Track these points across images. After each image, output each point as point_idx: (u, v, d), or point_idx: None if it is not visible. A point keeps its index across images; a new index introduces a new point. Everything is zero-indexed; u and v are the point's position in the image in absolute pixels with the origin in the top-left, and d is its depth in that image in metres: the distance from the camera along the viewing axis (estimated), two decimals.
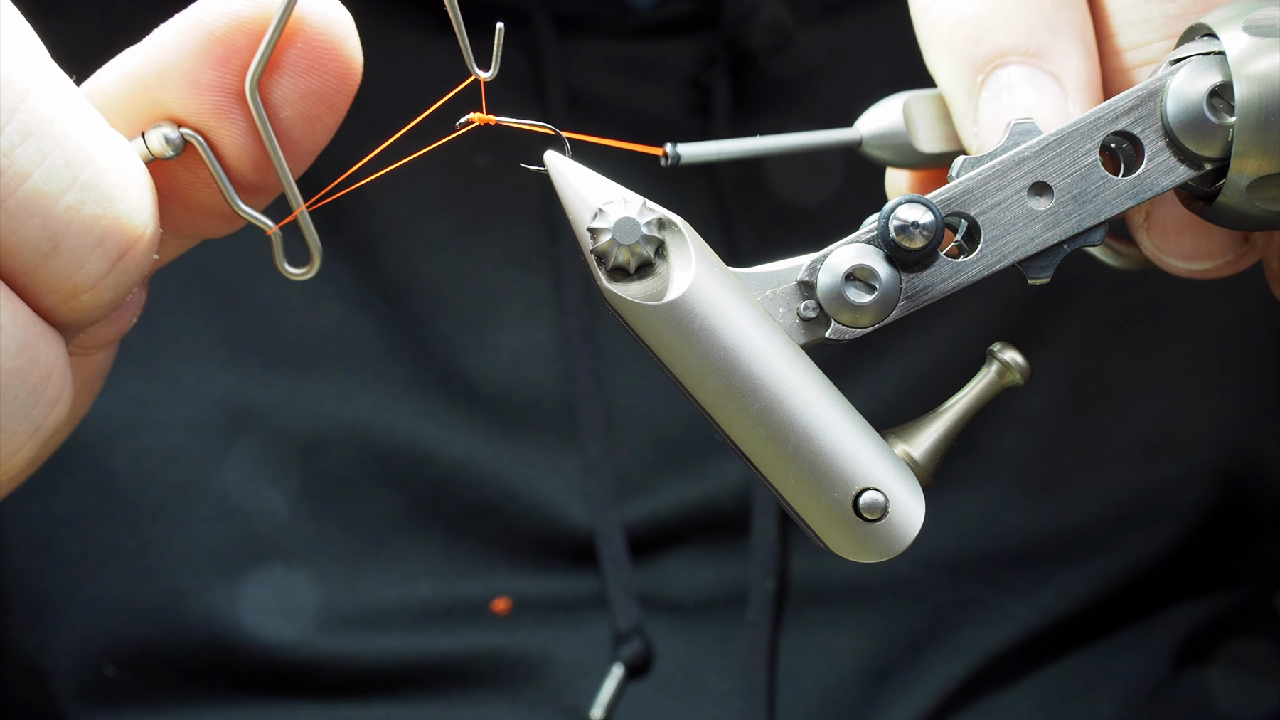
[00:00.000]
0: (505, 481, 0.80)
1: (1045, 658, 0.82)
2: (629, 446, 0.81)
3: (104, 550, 0.80)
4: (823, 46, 0.83)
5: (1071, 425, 0.83)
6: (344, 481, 0.80)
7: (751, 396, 0.47)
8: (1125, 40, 0.51)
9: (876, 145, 0.54)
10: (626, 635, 0.79)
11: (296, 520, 0.80)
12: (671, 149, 0.51)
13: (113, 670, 0.79)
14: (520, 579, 0.80)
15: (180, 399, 0.80)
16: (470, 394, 0.81)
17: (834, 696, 0.79)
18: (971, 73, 0.50)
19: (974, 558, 0.82)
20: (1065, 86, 0.50)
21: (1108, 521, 0.83)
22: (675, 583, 0.81)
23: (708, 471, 0.81)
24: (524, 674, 0.79)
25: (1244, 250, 0.52)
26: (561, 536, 0.80)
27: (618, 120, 0.83)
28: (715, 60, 0.83)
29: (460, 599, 0.80)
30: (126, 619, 0.79)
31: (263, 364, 0.81)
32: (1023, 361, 0.49)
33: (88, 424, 0.79)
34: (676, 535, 0.81)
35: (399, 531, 0.81)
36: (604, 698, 0.78)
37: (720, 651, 0.80)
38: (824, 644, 0.80)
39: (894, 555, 0.47)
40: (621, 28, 0.84)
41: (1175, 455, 0.83)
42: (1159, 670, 0.82)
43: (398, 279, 0.82)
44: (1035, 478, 0.83)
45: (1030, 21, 0.49)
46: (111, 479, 0.80)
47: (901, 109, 0.54)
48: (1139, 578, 0.83)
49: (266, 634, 0.78)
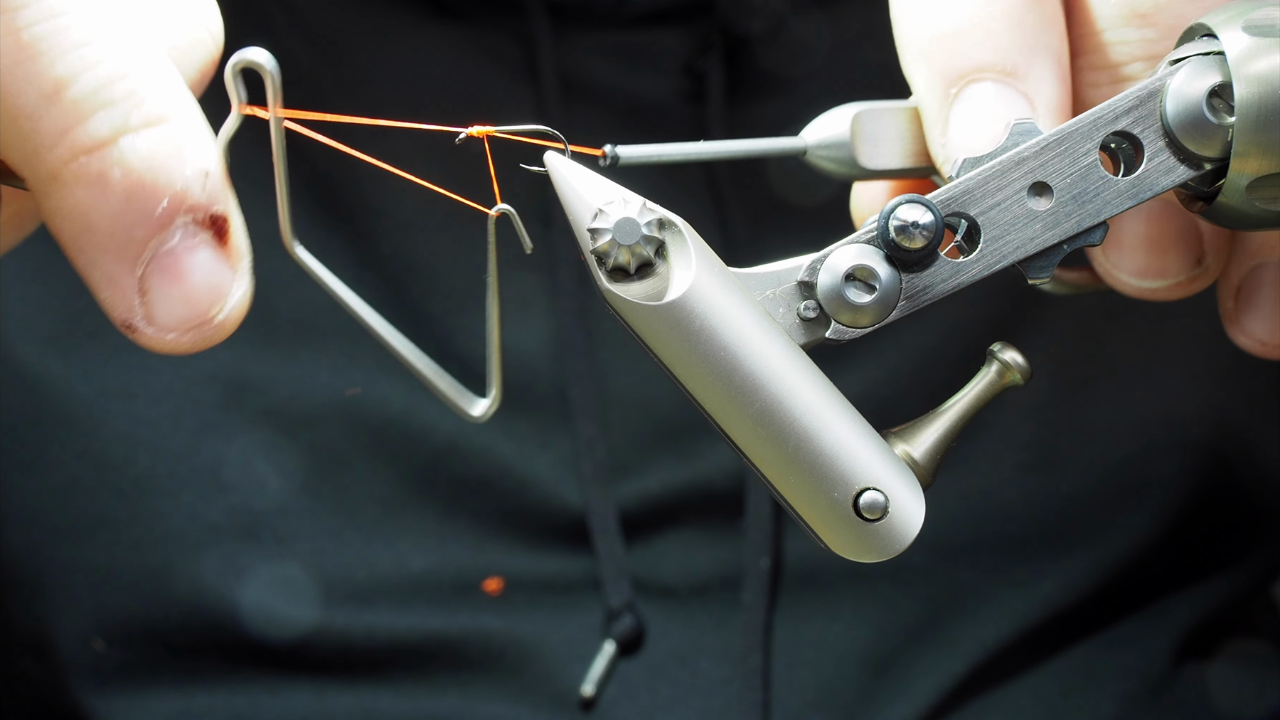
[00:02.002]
0: (498, 458, 0.80)
1: (1045, 652, 0.82)
2: (622, 426, 0.82)
3: (94, 523, 0.80)
4: (818, 33, 0.83)
5: (1066, 408, 0.83)
6: (337, 456, 0.80)
7: (752, 397, 0.47)
8: (1098, 60, 0.51)
9: (821, 155, 0.54)
10: (618, 612, 0.79)
11: (288, 495, 0.80)
12: (610, 150, 0.51)
13: (101, 645, 0.79)
14: (512, 558, 0.80)
15: (173, 372, 0.80)
16: (464, 372, 0.81)
17: (830, 686, 0.80)
18: (946, 84, 0.50)
19: (970, 540, 0.82)
20: (1037, 108, 0.50)
21: (1103, 503, 0.83)
22: (669, 565, 0.81)
23: (701, 452, 0.81)
24: (515, 656, 0.79)
25: (1196, 273, 0.53)
26: (554, 515, 0.80)
27: (613, 108, 0.83)
28: (709, 47, 0.83)
29: (452, 577, 0.80)
30: (116, 592, 0.79)
31: (257, 338, 0.80)
32: (1023, 361, 0.49)
33: (78, 396, 0.80)
34: (670, 515, 0.81)
35: (391, 507, 0.81)
36: (595, 674, 0.78)
37: (715, 635, 0.80)
38: (820, 630, 0.80)
39: (894, 555, 0.47)
40: (616, 16, 0.84)
41: (1170, 438, 0.84)
42: (1160, 666, 0.82)
43: (395, 260, 0.82)
44: (1030, 460, 0.83)
45: (1010, 41, 0.50)
46: (102, 450, 0.80)
47: (850, 121, 0.54)
48: (1135, 564, 0.83)
49: (256, 609, 0.78)
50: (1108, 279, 0.54)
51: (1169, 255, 0.52)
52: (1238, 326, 0.54)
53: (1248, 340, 0.54)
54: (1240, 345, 0.54)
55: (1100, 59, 0.51)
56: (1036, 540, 0.82)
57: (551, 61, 0.82)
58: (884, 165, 0.54)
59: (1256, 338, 0.54)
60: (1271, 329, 0.54)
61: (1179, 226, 0.52)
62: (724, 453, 0.81)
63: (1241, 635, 0.86)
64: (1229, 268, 0.53)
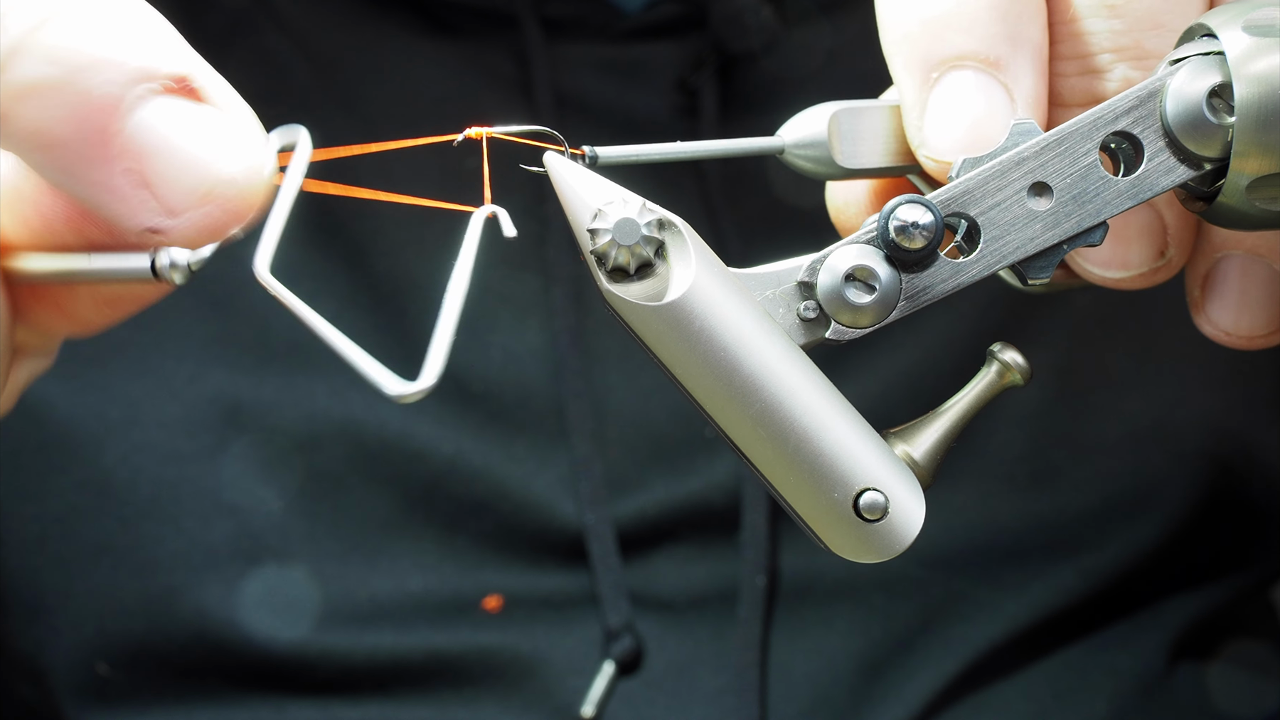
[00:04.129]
0: (496, 479, 0.80)
1: (1038, 654, 0.82)
2: (618, 444, 0.82)
3: (96, 548, 0.79)
4: (811, 48, 0.83)
5: (1062, 418, 0.83)
6: (335, 479, 0.80)
7: (752, 397, 0.47)
8: (1067, 49, 0.51)
9: (798, 154, 0.54)
10: (617, 633, 0.79)
11: (288, 518, 0.80)
12: (590, 150, 0.50)
13: (105, 669, 0.79)
14: (511, 577, 0.80)
15: (172, 397, 0.80)
16: (461, 392, 0.81)
17: (826, 694, 0.80)
18: (926, 69, 0.50)
19: (965, 551, 0.82)
20: (1016, 100, 0.50)
21: (1099, 514, 0.83)
22: (665, 581, 0.81)
23: (697, 468, 0.81)
24: (515, 672, 0.79)
25: (1159, 264, 0.53)
26: (552, 534, 0.80)
27: (606, 123, 0.83)
28: (703, 64, 0.83)
29: (451, 596, 0.80)
30: (119, 616, 0.79)
31: (255, 361, 0.80)
32: (1023, 362, 0.49)
33: (80, 422, 0.79)
34: (667, 533, 0.81)
35: (390, 529, 0.81)
36: (594, 695, 0.78)
37: (712, 650, 0.80)
38: (815, 641, 0.80)
39: (894, 555, 0.47)
40: (609, 31, 0.84)
41: (1166, 447, 0.84)
42: (1154, 667, 0.82)
43: (389, 280, 0.82)
44: (1026, 470, 0.83)
45: (994, 31, 0.50)
46: (104, 477, 0.79)
47: (828, 120, 0.54)
48: (1131, 571, 0.83)
49: (258, 631, 0.78)
50: (1074, 268, 0.54)
51: (1132, 247, 0.52)
52: (1203, 315, 0.55)
53: (1212, 329, 0.55)
54: (1206, 334, 0.55)
55: (1069, 48, 0.51)
56: (1032, 551, 0.82)
57: (545, 76, 0.82)
58: (861, 164, 0.53)
59: (1220, 327, 0.54)
60: (1235, 319, 0.54)
61: (1142, 219, 0.53)
62: (720, 470, 0.81)
63: (1240, 638, 0.86)
64: (1195, 258, 0.54)
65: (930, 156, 0.50)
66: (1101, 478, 0.83)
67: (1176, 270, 0.54)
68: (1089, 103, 0.50)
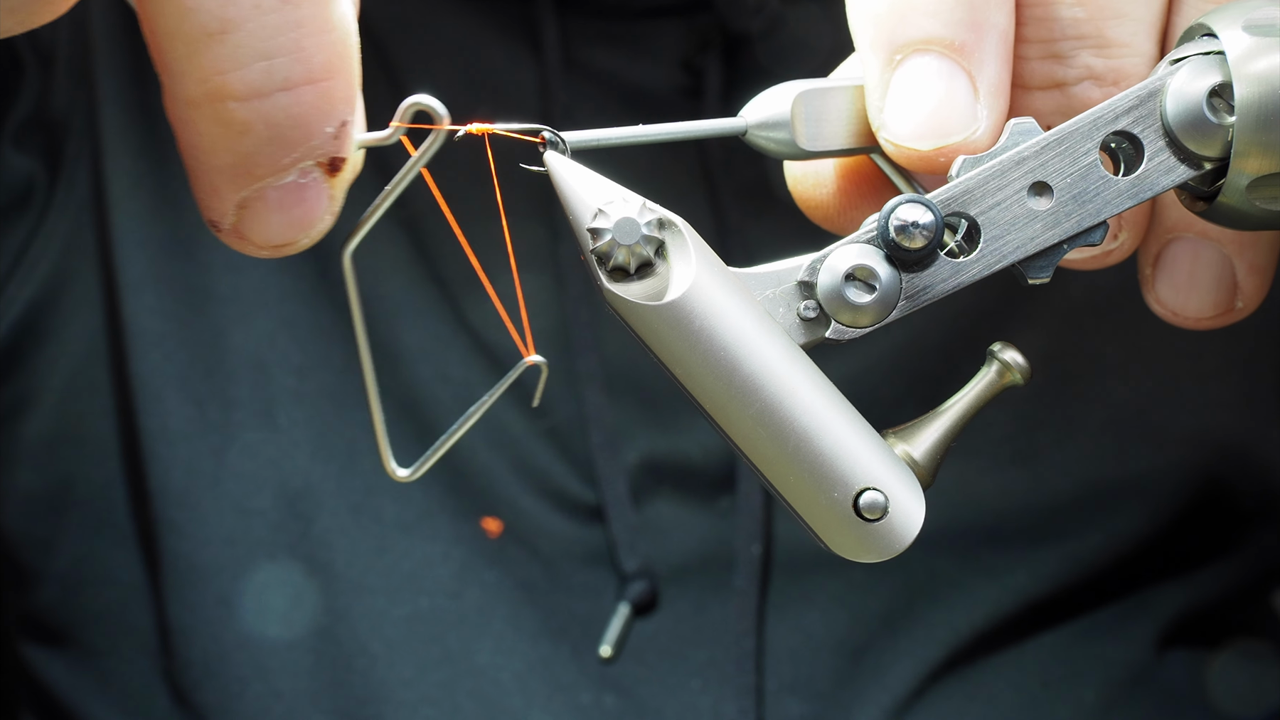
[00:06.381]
0: (511, 437, 0.82)
1: (1025, 640, 0.82)
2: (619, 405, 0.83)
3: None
4: (815, 31, 0.83)
5: (1048, 402, 0.83)
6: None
7: (752, 397, 0.47)
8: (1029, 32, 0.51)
9: (760, 135, 0.53)
10: (633, 576, 0.79)
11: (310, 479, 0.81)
12: (551, 135, 0.50)
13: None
14: (524, 521, 0.82)
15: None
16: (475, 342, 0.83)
17: (807, 672, 0.80)
18: (891, 51, 0.50)
19: (948, 531, 0.82)
20: (978, 88, 0.49)
21: (1082, 499, 0.83)
22: (663, 543, 0.82)
23: (686, 425, 0.82)
24: (536, 610, 0.80)
25: (1111, 247, 0.53)
26: (566, 481, 0.82)
27: (613, 94, 0.83)
28: (708, 44, 0.83)
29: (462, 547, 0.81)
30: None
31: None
32: (1023, 362, 0.49)
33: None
34: (659, 489, 0.82)
35: (407, 500, 0.82)
36: (611, 635, 0.79)
37: (706, 619, 0.81)
38: (796, 617, 0.81)
39: (894, 555, 0.47)
40: (617, 9, 0.84)
41: (1151, 435, 0.84)
42: (1143, 657, 0.82)
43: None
44: (1010, 452, 0.83)
45: (959, 16, 0.49)
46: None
47: (791, 102, 0.53)
48: (1117, 559, 0.83)
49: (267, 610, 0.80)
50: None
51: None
52: (1153, 294, 0.55)
53: (1160, 308, 0.55)
54: (1154, 311, 0.55)
55: (1033, 31, 0.51)
56: (1014, 532, 0.83)
57: (554, 39, 0.82)
58: (824, 146, 0.53)
59: (1168, 306, 0.55)
60: (1182, 299, 0.55)
61: None
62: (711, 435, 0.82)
63: (1238, 633, 0.86)
64: (1148, 238, 0.54)
65: (889, 140, 0.50)
66: (1084, 462, 0.83)
67: (1129, 253, 0.54)
68: (1049, 87, 0.50)
